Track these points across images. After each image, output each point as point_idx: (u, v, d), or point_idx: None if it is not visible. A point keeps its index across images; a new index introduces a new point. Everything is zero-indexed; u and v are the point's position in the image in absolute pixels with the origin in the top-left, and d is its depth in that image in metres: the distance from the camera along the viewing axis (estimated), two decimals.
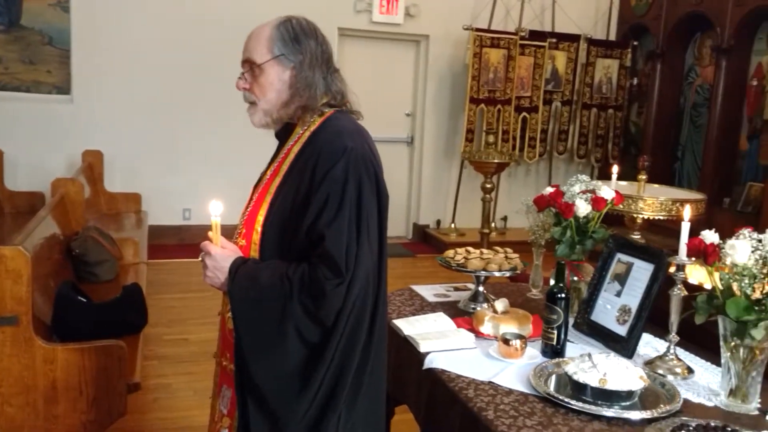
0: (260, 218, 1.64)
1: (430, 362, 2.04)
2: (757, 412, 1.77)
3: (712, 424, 1.63)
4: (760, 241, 1.74)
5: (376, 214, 1.60)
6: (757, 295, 1.72)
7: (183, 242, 6.75)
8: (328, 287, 1.50)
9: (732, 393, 1.79)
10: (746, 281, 1.71)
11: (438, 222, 7.66)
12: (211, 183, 6.61)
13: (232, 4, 6.65)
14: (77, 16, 6.32)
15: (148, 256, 4.92)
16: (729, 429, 1.60)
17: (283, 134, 1.75)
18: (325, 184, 1.55)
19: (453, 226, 7.48)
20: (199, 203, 6.57)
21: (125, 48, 6.44)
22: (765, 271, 1.72)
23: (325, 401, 1.58)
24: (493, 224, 6.86)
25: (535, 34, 7.30)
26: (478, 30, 7.00)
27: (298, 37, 1.65)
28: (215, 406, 1.82)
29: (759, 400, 1.79)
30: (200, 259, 1.65)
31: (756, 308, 1.70)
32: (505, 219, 7.64)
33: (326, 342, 1.55)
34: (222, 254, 1.62)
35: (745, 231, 1.76)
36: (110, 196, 6.04)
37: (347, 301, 1.53)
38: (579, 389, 1.78)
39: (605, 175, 7.11)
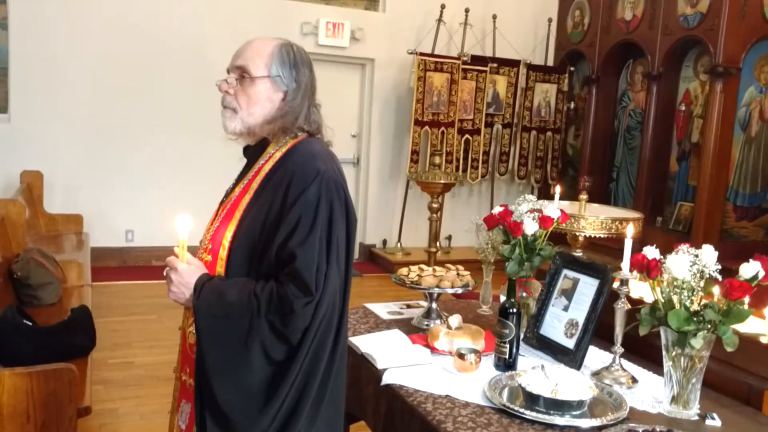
0: (228, 234, 1.65)
1: (387, 378, 2.09)
2: (697, 417, 1.88)
3: (657, 429, 1.73)
4: (697, 256, 1.86)
5: (344, 236, 1.64)
6: (695, 306, 1.84)
7: (125, 264, 6.61)
8: (297, 305, 1.53)
9: (674, 400, 1.90)
10: (685, 294, 1.83)
11: (384, 242, 7.73)
12: (154, 204, 6.53)
13: (176, 23, 6.62)
14: (16, 34, 6.17)
15: (91, 278, 4.81)
16: None
17: (252, 153, 1.78)
18: (297, 205, 1.58)
19: (399, 245, 7.56)
20: (142, 225, 6.56)
21: (65, 66, 6.31)
22: (702, 284, 1.85)
23: (286, 419, 1.59)
24: (438, 243, 6.97)
25: (476, 59, 7.50)
26: (422, 54, 7.16)
27: (298, 65, 1.71)
28: (173, 421, 1.81)
29: (698, 406, 1.91)
30: (165, 274, 1.65)
31: (695, 319, 1.81)
32: (449, 238, 7.76)
33: (291, 360, 1.57)
34: (187, 270, 1.63)
35: (684, 246, 1.88)
36: (50, 218, 5.87)
37: (315, 320, 1.56)
38: (532, 400, 1.86)
39: (545, 196, 7.35)
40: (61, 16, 6.27)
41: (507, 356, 2.15)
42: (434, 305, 2.63)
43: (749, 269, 1.82)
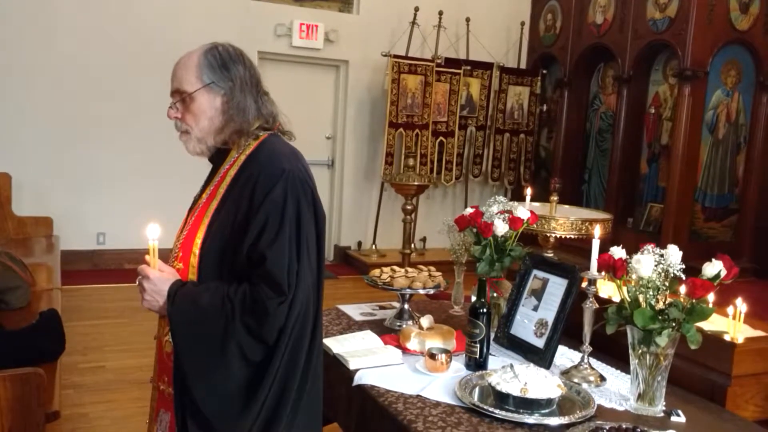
0: (198, 241, 1.65)
1: (359, 379, 2.10)
2: (662, 414, 1.92)
3: (624, 426, 1.76)
4: (662, 255, 1.90)
5: (314, 234, 1.65)
6: (660, 305, 1.87)
7: (97, 267, 6.53)
8: (270, 306, 1.53)
9: (640, 397, 1.94)
10: (651, 293, 1.87)
11: (359, 243, 7.73)
12: (125, 207, 6.47)
13: (149, 25, 6.56)
14: None
15: (61, 282, 4.75)
16: (639, 430, 1.73)
17: (217, 158, 1.77)
18: (264, 206, 1.58)
19: (374, 247, 7.57)
20: (114, 227, 6.48)
21: (32, 66, 6.22)
22: (667, 283, 1.88)
23: (268, 420, 1.59)
24: (412, 245, 6.99)
25: (450, 62, 7.55)
26: (396, 57, 7.18)
27: (227, 64, 1.69)
28: (153, 431, 1.80)
29: (664, 403, 1.94)
30: (137, 282, 1.64)
31: (660, 317, 1.85)
32: (424, 240, 7.79)
33: (269, 360, 1.58)
34: (160, 277, 1.62)
35: (649, 246, 1.91)
36: (19, 221, 5.78)
37: (289, 319, 1.57)
38: (502, 399, 1.88)
39: (518, 197, 7.41)
40: (30, 16, 6.18)
41: (477, 356, 2.17)
42: (406, 306, 2.65)
43: (712, 268, 1.86)
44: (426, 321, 2.38)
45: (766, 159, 6.69)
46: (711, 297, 1.93)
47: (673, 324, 1.85)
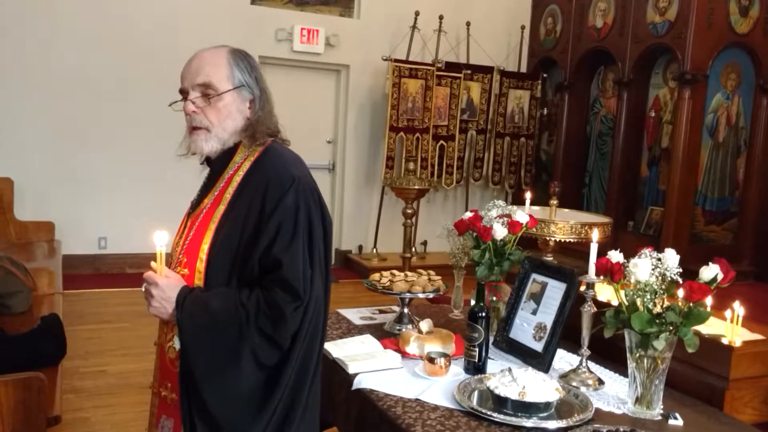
0: (204, 246, 1.64)
1: (358, 383, 2.10)
2: (660, 417, 1.93)
3: (621, 429, 1.77)
4: (659, 259, 1.91)
5: (322, 241, 1.66)
6: (657, 309, 1.88)
7: (98, 272, 6.55)
8: (287, 310, 1.54)
9: (638, 400, 1.94)
10: (648, 297, 1.87)
11: (360, 247, 7.74)
12: (127, 211, 6.49)
13: (149, 30, 6.58)
14: None
15: (63, 286, 4.76)
16: None
17: (217, 162, 1.75)
18: (277, 212, 1.59)
19: (375, 251, 7.58)
20: (115, 232, 6.50)
21: (33, 71, 6.24)
22: (664, 286, 1.89)
23: (280, 424, 1.60)
24: (413, 249, 7.00)
25: (451, 66, 7.56)
26: (396, 61, 7.20)
27: (255, 69, 1.72)
28: None
29: (662, 406, 1.95)
30: (143, 289, 1.63)
31: (657, 321, 1.86)
32: (425, 243, 7.80)
33: (283, 364, 1.58)
34: (168, 284, 1.61)
35: (646, 250, 1.92)
36: (21, 225, 5.80)
37: (303, 324, 1.58)
38: (500, 402, 1.89)
39: (519, 201, 7.41)
40: (31, 21, 6.20)
41: (476, 360, 2.18)
42: (406, 310, 2.66)
43: (708, 272, 1.87)
44: (425, 325, 2.39)
45: (767, 162, 6.69)
46: (709, 300, 1.94)
47: (671, 327, 1.85)
